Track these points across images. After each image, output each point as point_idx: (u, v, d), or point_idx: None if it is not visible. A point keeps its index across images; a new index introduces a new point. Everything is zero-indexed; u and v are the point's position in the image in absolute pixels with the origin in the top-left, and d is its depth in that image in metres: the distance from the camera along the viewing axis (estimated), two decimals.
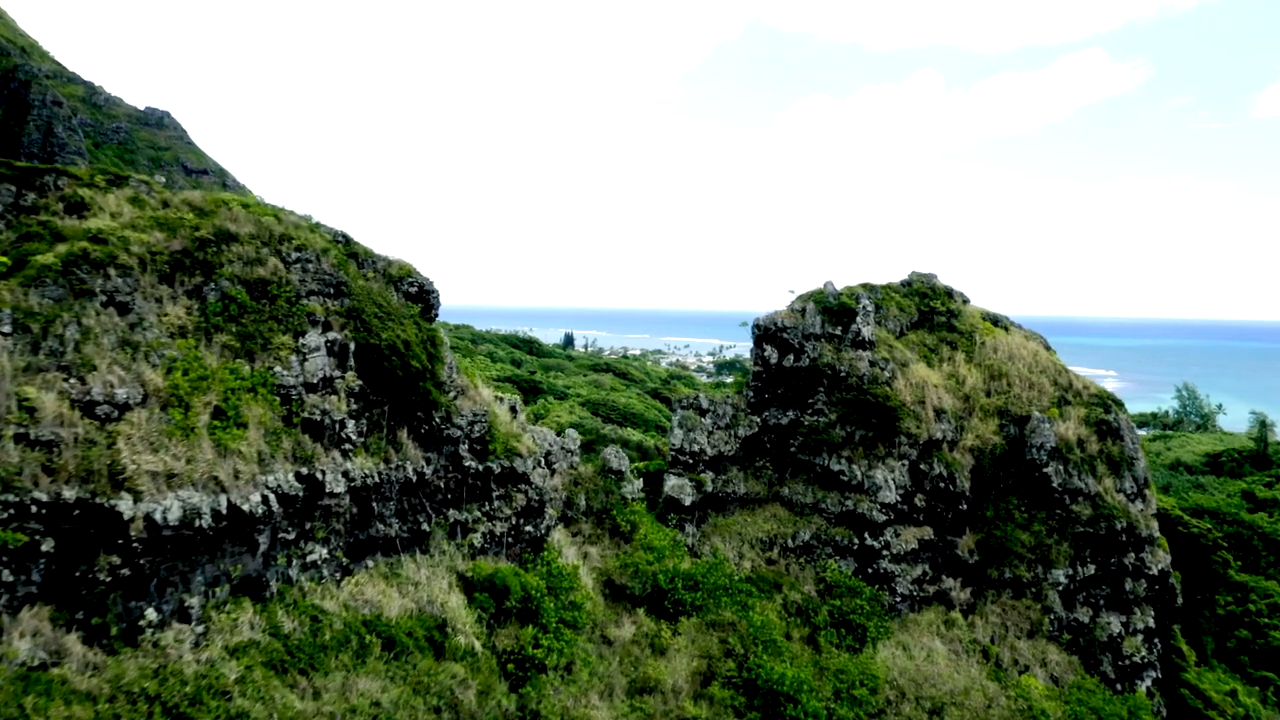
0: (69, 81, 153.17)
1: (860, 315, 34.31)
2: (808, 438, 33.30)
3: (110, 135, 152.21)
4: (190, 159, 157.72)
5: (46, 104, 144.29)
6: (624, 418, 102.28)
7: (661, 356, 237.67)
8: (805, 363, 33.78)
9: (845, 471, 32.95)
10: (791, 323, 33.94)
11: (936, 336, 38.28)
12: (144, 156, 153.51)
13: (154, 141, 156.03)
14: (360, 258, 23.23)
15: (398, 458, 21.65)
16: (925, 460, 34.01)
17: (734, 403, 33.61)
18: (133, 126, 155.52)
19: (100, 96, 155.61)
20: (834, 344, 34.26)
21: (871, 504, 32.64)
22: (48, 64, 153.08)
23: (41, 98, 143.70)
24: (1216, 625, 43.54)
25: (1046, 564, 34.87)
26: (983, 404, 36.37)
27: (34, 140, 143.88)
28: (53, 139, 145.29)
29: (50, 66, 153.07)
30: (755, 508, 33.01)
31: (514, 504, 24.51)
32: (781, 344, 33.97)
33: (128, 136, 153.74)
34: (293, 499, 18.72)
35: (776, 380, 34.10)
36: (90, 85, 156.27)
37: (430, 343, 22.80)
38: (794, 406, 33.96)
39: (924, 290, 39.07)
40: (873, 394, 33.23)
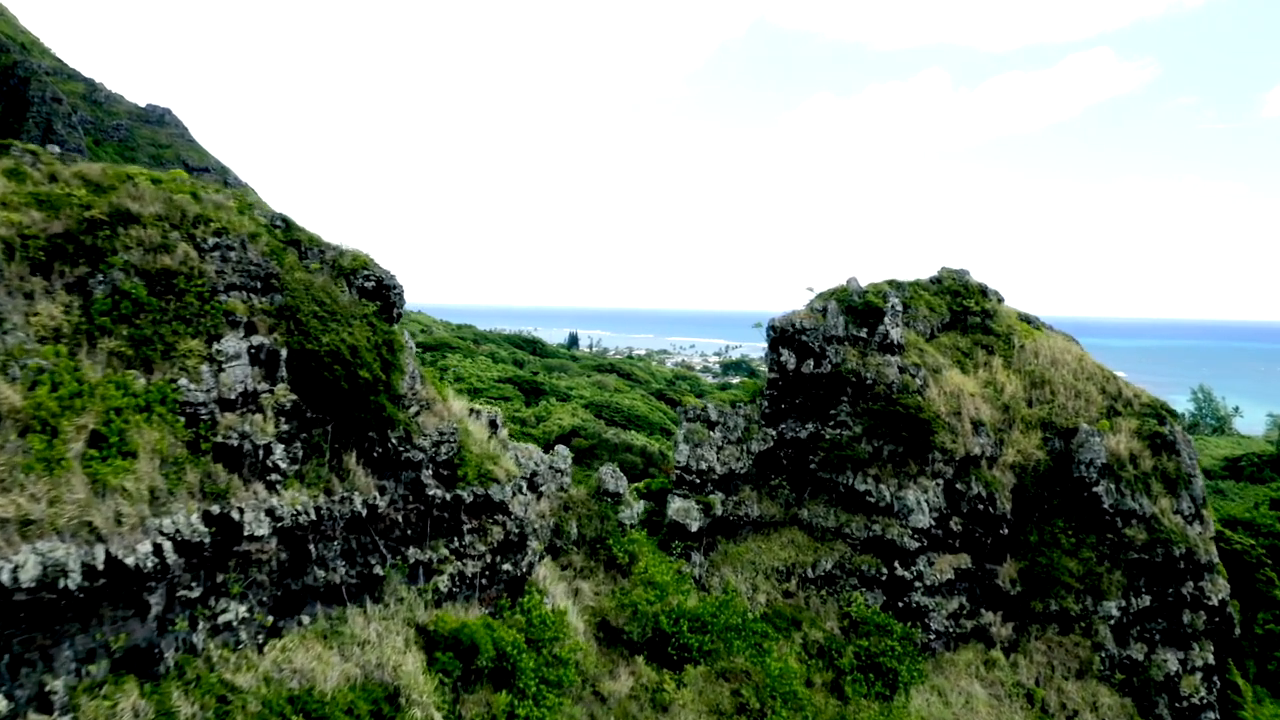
0: (69, 78, 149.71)
1: (889, 315, 30.09)
2: (829, 453, 29.11)
3: (110, 133, 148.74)
4: (192, 157, 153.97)
5: (46, 101, 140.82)
6: (627, 420, 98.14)
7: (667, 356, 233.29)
8: (827, 369, 29.57)
9: (872, 492, 28.76)
10: (811, 324, 29.74)
11: (970, 339, 34.03)
12: (145, 154, 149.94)
13: (155, 139, 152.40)
14: (303, 246, 19.13)
15: (343, 487, 17.55)
16: (962, 479, 29.80)
17: (746, 413, 29.44)
18: (133, 124, 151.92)
19: (101, 93, 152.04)
20: (859, 348, 30.05)
21: (902, 529, 28.45)
22: (48, 61, 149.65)
23: (41, 94, 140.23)
24: (1258, 647, 39.26)
25: (1097, 595, 30.64)
26: (1024, 415, 32.12)
27: (33, 137, 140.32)
28: (52, 136, 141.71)
29: (50, 63, 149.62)
30: (770, 532, 28.84)
31: (489, 538, 20.40)
32: (800, 348, 29.76)
33: (128, 134, 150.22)
34: (197, 547, 14.64)
35: (794, 388, 29.90)
36: (90, 82, 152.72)
37: (387, 348, 18.70)
38: (814, 418, 29.77)
39: (955, 288, 34.83)
40: (903, 404, 29.02)
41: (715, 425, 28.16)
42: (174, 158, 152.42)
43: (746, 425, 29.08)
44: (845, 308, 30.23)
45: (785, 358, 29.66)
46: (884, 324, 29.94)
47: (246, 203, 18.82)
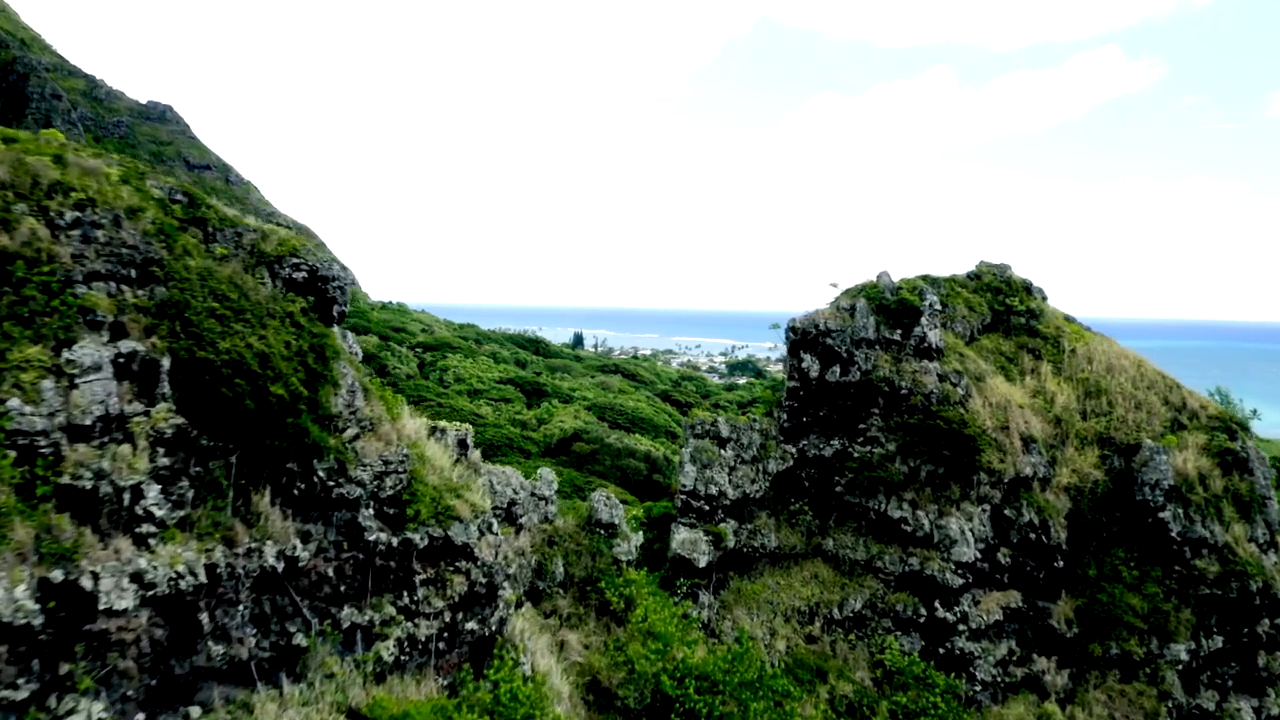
0: (69, 75, 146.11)
1: (926, 315, 25.77)
2: (858, 474, 24.81)
3: (111, 130, 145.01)
4: (193, 154, 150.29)
5: (45, 97, 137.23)
6: (631, 423, 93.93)
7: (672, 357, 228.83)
8: (855, 376, 25.25)
9: (908, 519, 24.46)
10: (837, 325, 25.42)
11: (1015, 342, 29.65)
12: (145, 151, 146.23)
13: (156, 136, 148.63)
14: (210, 226, 14.95)
15: (250, 536, 13.36)
16: (1011, 504, 25.47)
17: (762, 428, 25.13)
18: (134, 121, 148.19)
19: (101, 90, 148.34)
20: (892, 352, 25.73)
21: (943, 563, 24.16)
22: (48, 57, 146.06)
23: (40, 91, 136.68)
24: None
25: (1163, 636, 26.29)
26: (1079, 429, 27.74)
27: None
28: None
29: (51, 59, 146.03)
30: (790, 566, 24.55)
31: (449, 591, 16.18)
32: (824, 352, 25.45)
33: (129, 131, 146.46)
34: (24, 631, 10.50)
35: (817, 399, 25.59)
36: (91, 79, 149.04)
37: (315, 355, 14.51)
38: (840, 433, 25.46)
39: (996, 285, 30.45)
40: (944, 418, 24.70)
41: (727, 442, 23.88)
42: (175, 155, 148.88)
43: (763, 442, 24.79)
44: (876, 306, 25.91)
45: (807, 364, 25.35)
46: (921, 325, 25.62)
47: (137, 170, 14.63)
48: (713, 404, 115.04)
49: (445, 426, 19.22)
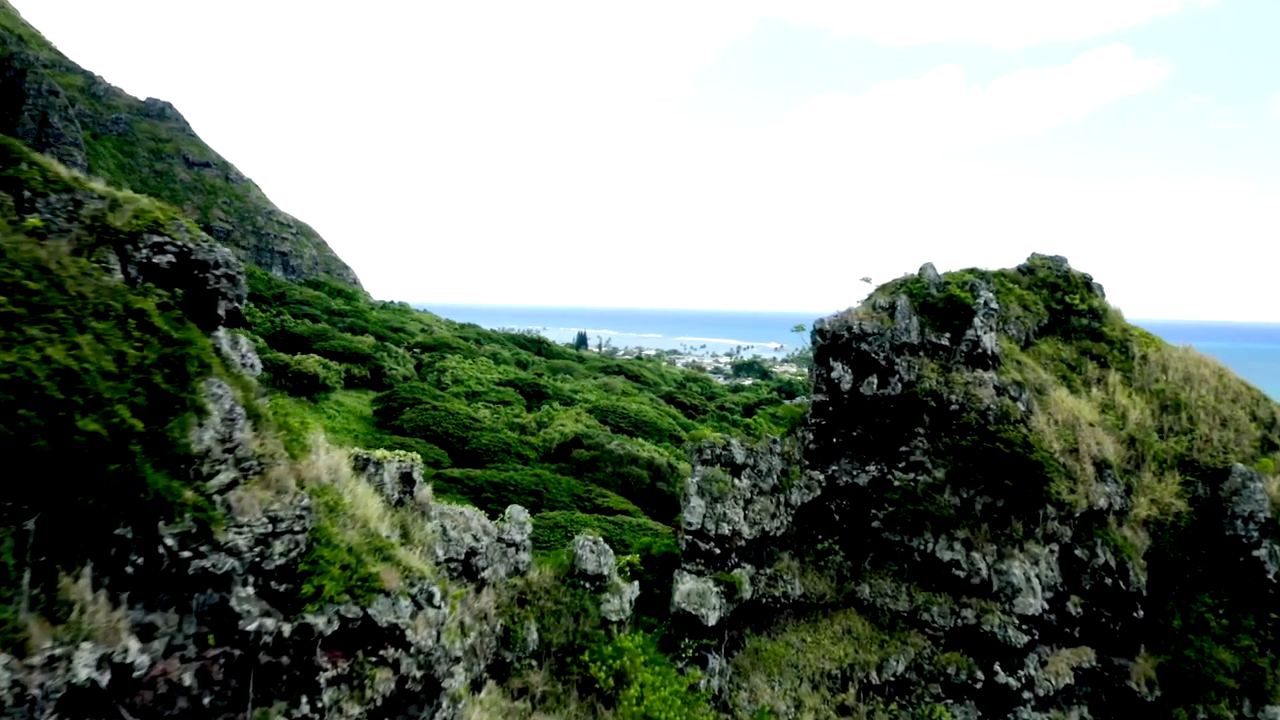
0: (67, 71, 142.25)
1: (980, 316, 21.16)
2: (900, 507, 20.25)
3: (109, 126, 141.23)
4: (192, 151, 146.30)
5: (42, 93, 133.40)
6: (634, 426, 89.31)
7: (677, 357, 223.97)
8: (896, 388, 20.66)
9: (961, 562, 19.88)
10: (874, 327, 20.83)
11: (1076, 347, 25.03)
12: (144, 148, 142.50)
13: (155, 133, 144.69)
14: (28, 189, 10.55)
15: (54, 639, 8.93)
16: (1083, 543, 20.87)
17: (783, 450, 20.54)
18: (133, 118, 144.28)
19: (100, 86, 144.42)
20: (939, 359, 21.15)
21: (1004, 616, 19.57)
22: (46, 53, 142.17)
23: (37, 87, 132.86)
24: None
25: (1258, 696, 21.66)
26: (1156, 451, 23.11)
27: (28, 130, 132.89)
28: (48, 129, 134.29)
29: (49, 56, 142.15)
30: (818, 619, 19.98)
31: (369, 691, 11.70)
32: (859, 360, 20.85)
33: (128, 128, 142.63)
34: None
35: (850, 415, 20.99)
36: (89, 75, 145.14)
37: (170, 371, 10.05)
38: (878, 456, 20.88)
39: (1053, 280, 25.81)
40: (1004, 439, 20.10)
41: (741, 469, 19.29)
42: (174, 152, 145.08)
43: (784, 468, 20.20)
44: (920, 304, 21.32)
45: (838, 373, 20.75)
46: (973, 327, 21.02)
47: None
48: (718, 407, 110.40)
49: (382, 457, 14.71)
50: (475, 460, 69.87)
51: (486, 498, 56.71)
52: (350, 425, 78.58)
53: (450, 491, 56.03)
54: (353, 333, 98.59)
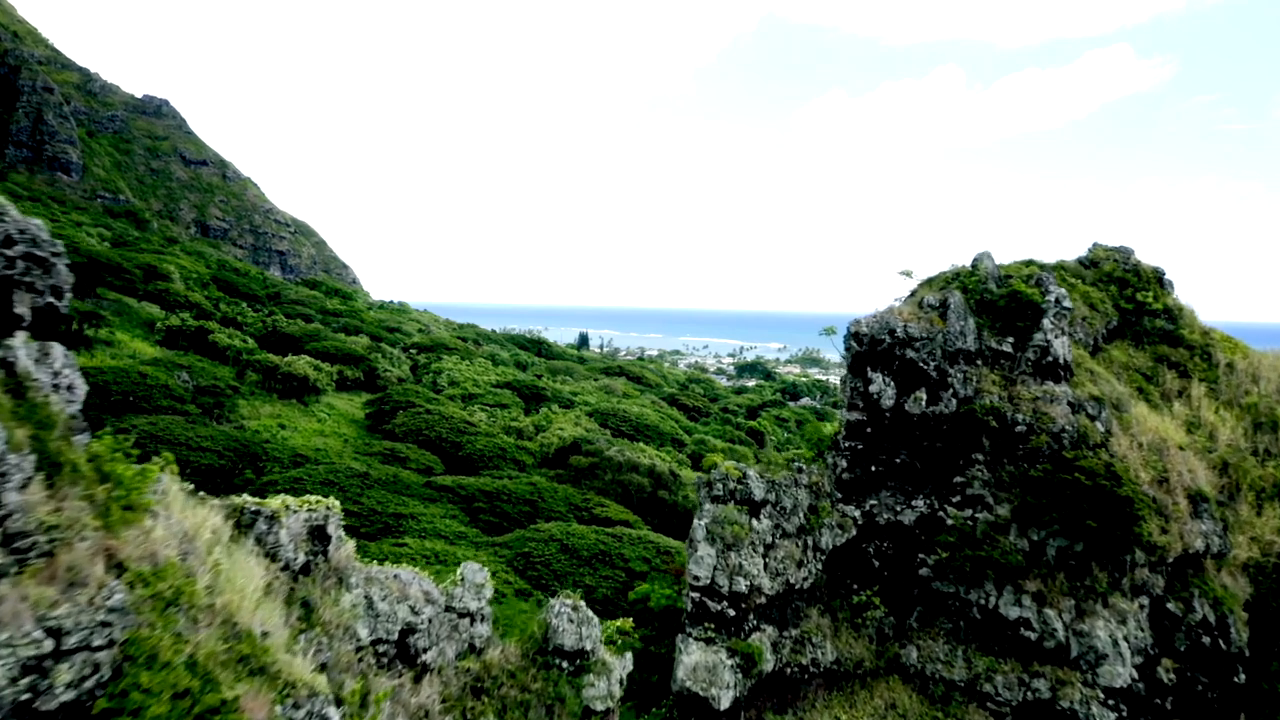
0: (63, 68, 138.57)
1: (1050, 316, 17.06)
2: (955, 552, 16.20)
3: (105, 124, 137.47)
4: (189, 149, 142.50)
5: (37, 90, 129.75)
6: (636, 430, 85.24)
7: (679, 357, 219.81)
8: (949, 405, 16.58)
9: (1032, 621, 15.83)
10: (921, 330, 16.73)
11: (1150, 353, 20.90)
12: (140, 146, 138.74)
13: (151, 130, 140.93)
14: None
15: None
16: (1176, 594, 16.78)
17: (811, 481, 16.45)
18: (129, 115, 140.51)
19: (96, 84, 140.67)
20: (1001, 369, 17.07)
21: (1087, 689, 15.50)
22: (42, 49, 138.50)
23: (31, 84, 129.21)
24: None
25: None
26: (1252, 478, 18.98)
27: (22, 128, 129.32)
28: (42, 126, 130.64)
29: (45, 52, 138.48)
30: (855, 691, 15.93)
31: None
32: (904, 370, 16.76)
33: (124, 125, 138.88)
34: None
35: (893, 437, 16.92)
36: (85, 72, 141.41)
37: None
38: (927, 488, 16.81)
39: (1121, 275, 21.67)
40: (1084, 468, 16.03)
41: (761, 508, 15.23)
42: (171, 150, 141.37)
43: (812, 503, 16.11)
44: (976, 302, 17.23)
45: (878, 387, 16.65)
46: (1042, 330, 16.92)
47: None
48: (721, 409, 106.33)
49: (281, 508, 10.67)
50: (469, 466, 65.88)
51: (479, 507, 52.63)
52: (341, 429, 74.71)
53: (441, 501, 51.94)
54: (347, 333, 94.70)
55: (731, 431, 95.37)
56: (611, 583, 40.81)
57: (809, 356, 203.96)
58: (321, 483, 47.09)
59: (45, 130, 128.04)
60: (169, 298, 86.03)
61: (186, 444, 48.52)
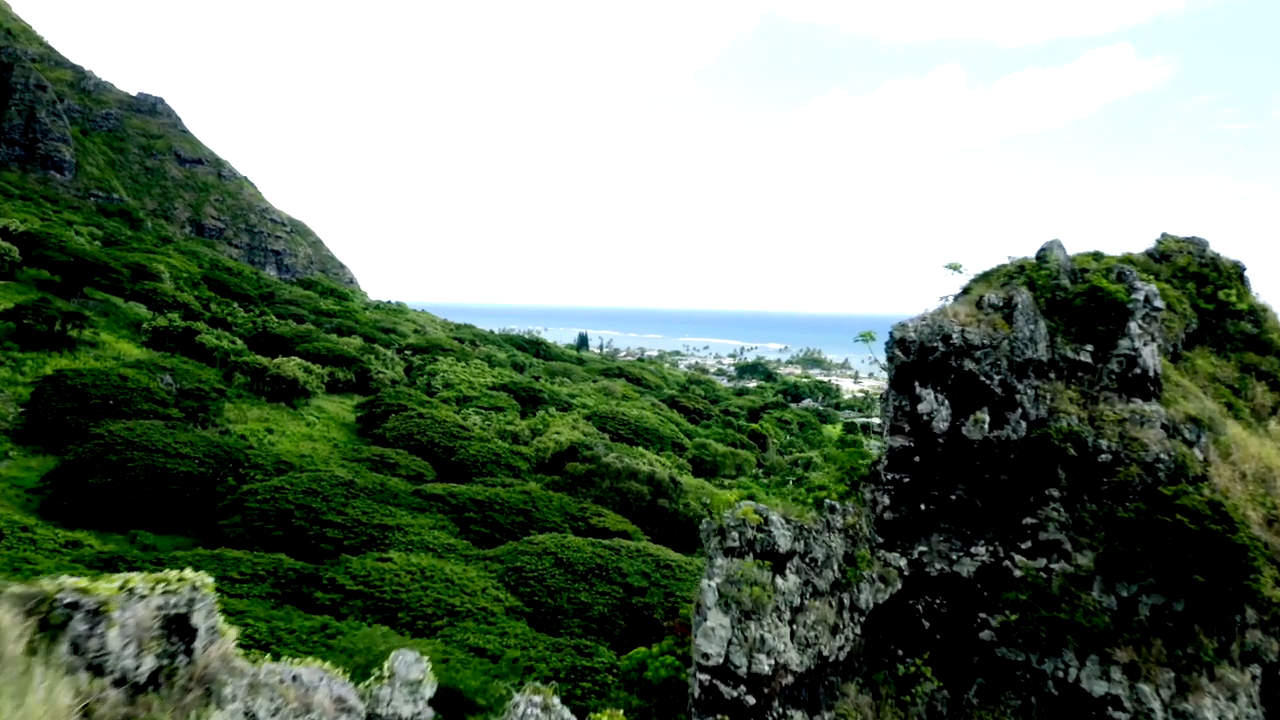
0: (57, 65, 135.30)
1: (1137, 319, 13.69)
2: (1026, 612, 12.87)
3: (100, 122, 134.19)
4: (184, 148, 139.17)
5: (30, 88, 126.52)
6: (635, 433, 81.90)
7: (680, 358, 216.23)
8: (1018, 429, 13.21)
9: (1123, 699, 12.47)
10: (983, 335, 13.35)
11: (1235, 362, 17.52)
12: (134, 144, 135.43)
13: (146, 129, 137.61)
14: None
15: None
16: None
17: (846, 523, 13.06)
18: (124, 113, 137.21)
19: (90, 81, 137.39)
20: (1079, 384, 13.71)
21: None
22: (36, 47, 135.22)
23: (24, 81, 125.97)
24: None
25: None
26: None
27: (15, 126, 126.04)
28: (35, 124, 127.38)
29: (38, 50, 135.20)
30: None
31: None
32: (962, 385, 13.37)
33: (118, 124, 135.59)
34: None
35: (948, 469, 13.55)
36: (79, 70, 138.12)
37: None
38: (989, 532, 13.45)
39: (1196, 269, 18.29)
40: (1186, 508, 12.69)
41: (787, 560, 11.87)
42: (166, 149, 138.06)
43: (848, 550, 12.73)
44: (1046, 302, 13.88)
45: (929, 406, 13.28)
46: (1128, 335, 13.56)
47: None
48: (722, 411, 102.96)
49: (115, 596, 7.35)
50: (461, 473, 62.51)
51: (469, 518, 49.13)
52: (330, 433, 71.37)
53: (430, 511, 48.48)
54: (340, 334, 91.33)
55: (733, 435, 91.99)
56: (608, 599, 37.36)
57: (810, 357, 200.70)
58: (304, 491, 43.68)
59: (38, 128, 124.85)
60: (157, 298, 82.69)
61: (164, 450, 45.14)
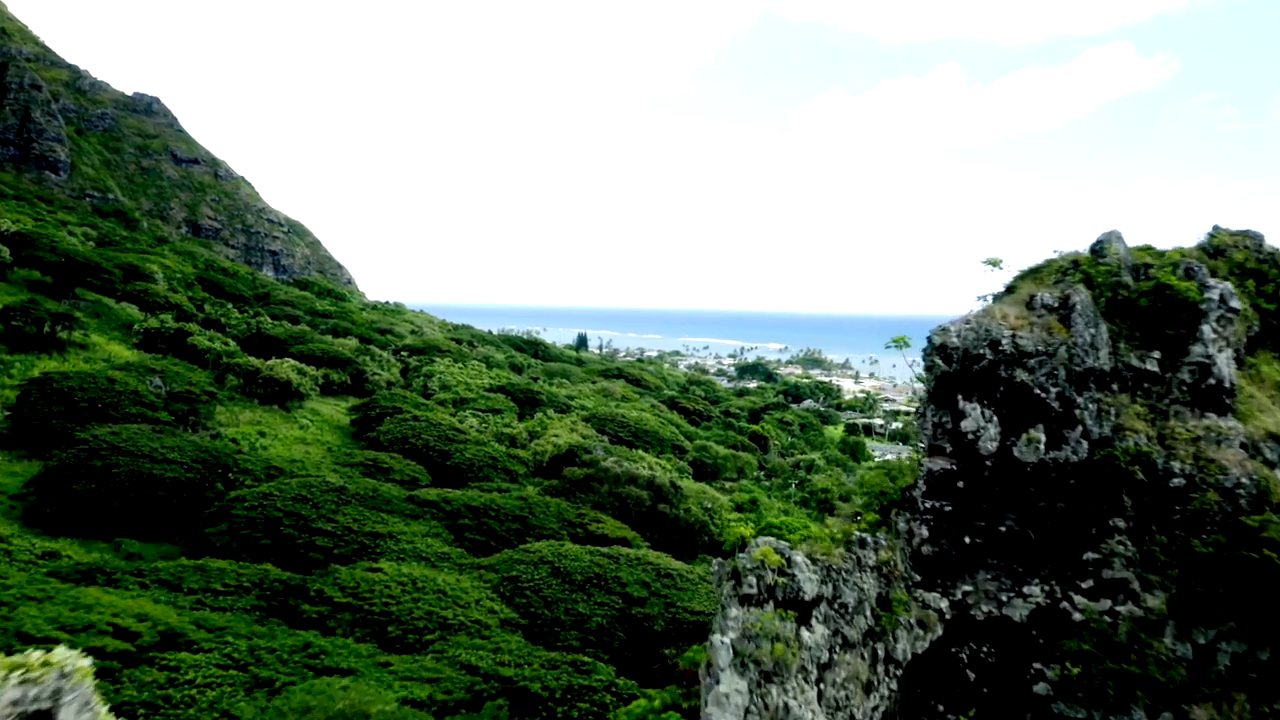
0: (52, 65, 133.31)
1: (1211, 322, 11.82)
2: (1088, 663, 10.98)
3: (95, 122, 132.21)
4: (180, 147, 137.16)
5: (24, 88, 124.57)
6: (635, 436, 79.92)
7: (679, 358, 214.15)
8: (1079, 449, 11.32)
9: None
10: (1036, 341, 11.44)
11: None
12: (130, 144, 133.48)
13: (142, 129, 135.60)
14: None
15: None
16: None
17: (878, 560, 11.16)
18: (119, 113, 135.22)
19: (85, 81, 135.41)
20: (1145, 396, 11.83)
21: None
22: (31, 46, 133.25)
23: (19, 81, 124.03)
24: None
25: None
26: None
27: (9, 126, 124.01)
28: (30, 124, 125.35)
29: (33, 49, 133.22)
30: None
31: None
32: (1013, 397, 11.47)
33: (114, 123, 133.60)
34: None
35: (996, 495, 11.65)
36: (75, 69, 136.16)
37: None
38: (1045, 569, 11.55)
39: (1255, 266, 16.35)
40: (1274, 539, 10.86)
41: (813, 608, 9.99)
42: (161, 148, 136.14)
43: (882, 591, 10.83)
44: (1108, 302, 11.99)
45: (974, 423, 11.38)
46: (1202, 340, 11.67)
47: None
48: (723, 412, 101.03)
49: None
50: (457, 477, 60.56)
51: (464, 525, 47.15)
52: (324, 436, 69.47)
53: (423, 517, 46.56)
54: (335, 335, 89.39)
55: (734, 437, 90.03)
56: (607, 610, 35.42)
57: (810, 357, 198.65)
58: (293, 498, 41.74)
59: (33, 128, 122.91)
60: (149, 299, 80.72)
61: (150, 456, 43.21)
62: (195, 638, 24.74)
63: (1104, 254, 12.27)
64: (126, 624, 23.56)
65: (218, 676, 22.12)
